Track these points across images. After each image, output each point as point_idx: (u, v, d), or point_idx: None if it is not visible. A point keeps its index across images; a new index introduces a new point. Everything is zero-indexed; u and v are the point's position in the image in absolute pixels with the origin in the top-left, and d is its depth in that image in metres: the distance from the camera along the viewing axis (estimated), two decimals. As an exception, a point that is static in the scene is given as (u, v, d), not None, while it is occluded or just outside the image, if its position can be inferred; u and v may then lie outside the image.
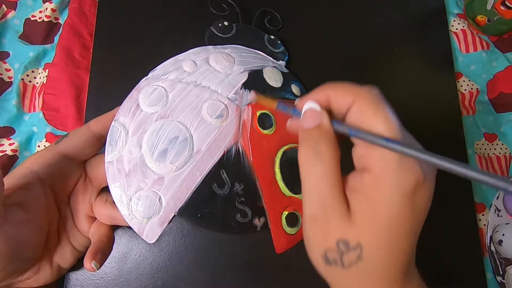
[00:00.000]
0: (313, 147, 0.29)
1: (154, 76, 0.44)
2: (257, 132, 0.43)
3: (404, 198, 0.26)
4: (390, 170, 0.27)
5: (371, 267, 0.28)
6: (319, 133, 0.30)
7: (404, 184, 0.26)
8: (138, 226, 0.39)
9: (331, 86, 0.31)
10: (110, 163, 0.40)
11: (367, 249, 0.27)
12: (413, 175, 0.26)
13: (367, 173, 0.28)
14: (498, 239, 0.51)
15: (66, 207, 0.41)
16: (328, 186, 0.28)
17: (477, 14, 0.59)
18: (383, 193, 0.27)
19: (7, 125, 0.52)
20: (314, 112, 0.30)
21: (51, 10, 0.55)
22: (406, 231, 0.27)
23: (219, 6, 0.52)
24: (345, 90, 0.30)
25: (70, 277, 0.45)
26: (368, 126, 0.28)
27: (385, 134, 0.27)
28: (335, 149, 0.29)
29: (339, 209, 0.28)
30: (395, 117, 0.28)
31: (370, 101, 0.28)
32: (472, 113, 0.58)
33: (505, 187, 0.23)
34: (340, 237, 0.28)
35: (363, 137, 0.28)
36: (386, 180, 0.27)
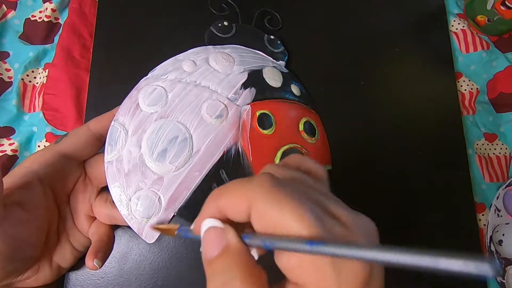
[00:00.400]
0: (224, 285, 0.22)
1: (153, 76, 0.44)
2: (256, 132, 0.43)
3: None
4: (329, 278, 0.21)
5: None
6: (227, 262, 0.23)
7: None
8: (137, 226, 0.39)
9: (218, 196, 0.25)
10: (110, 163, 0.40)
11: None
12: (358, 275, 0.22)
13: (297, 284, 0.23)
14: (498, 239, 0.51)
15: (65, 207, 0.42)
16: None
17: (477, 14, 0.59)
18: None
19: (7, 125, 0.52)
20: (215, 231, 0.24)
21: (51, 10, 0.55)
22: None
23: (219, 6, 0.52)
24: (235, 197, 0.24)
25: (70, 277, 0.45)
26: (282, 230, 0.22)
27: (302, 234, 0.21)
28: (255, 276, 0.23)
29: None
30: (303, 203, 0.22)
31: (267, 198, 0.23)
32: (472, 113, 0.58)
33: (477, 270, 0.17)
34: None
35: (282, 246, 0.22)
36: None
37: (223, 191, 0.25)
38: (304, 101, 0.49)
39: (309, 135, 0.46)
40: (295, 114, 0.47)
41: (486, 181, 0.55)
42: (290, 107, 0.47)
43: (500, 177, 0.56)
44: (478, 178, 0.55)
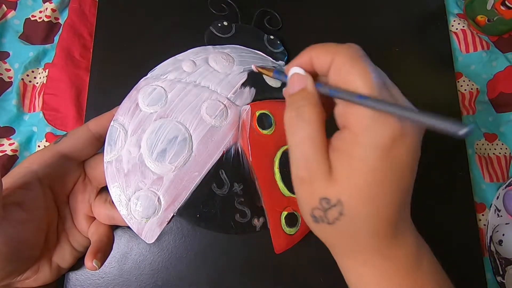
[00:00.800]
0: (296, 109, 0.30)
1: (153, 76, 0.44)
2: (256, 132, 0.43)
3: (379, 152, 0.26)
4: (365, 126, 0.27)
5: (354, 222, 0.28)
6: (302, 96, 0.30)
7: (379, 138, 0.26)
8: (137, 226, 0.39)
9: (313, 47, 0.31)
10: (109, 163, 0.40)
11: (347, 205, 0.28)
12: (387, 129, 0.26)
13: (346, 131, 0.28)
14: (498, 239, 0.51)
15: (65, 207, 0.42)
16: (311, 147, 0.29)
17: (477, 14, 0.59)
18: (359, 149, 0.27)
19: (7, 125, 0.52)
20: (299, 76, 0.31)
21: (51, 10, 0.55)
22: (386, 186, 0.27)
23: (219, 6, 0.52)
24: (324, 50, 0.30)
25: (70, 277, 0.45)
26: (346, 84, 0.28)
27: (361, 90, 0.27)
28: (318, 111, 0.29)
29: (322, 169, 0.28)
30: (374, 71, 0.28)
31: (347, 57, 0.28)
32: (472, 113, 0.58)
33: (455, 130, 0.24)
34: (322, 195, 0.28)
35: (340, 95, 0.28)
36: (361, 135, 0.27)
37: (319, 44, 0.31)
38: (304, 101, 0.49)
39: (309, 135, 0.46)
40: (294, 114, 0.47)
41: (486, 181, 0.55)
42: (290, 107, 0.47)
43: (500, 177, 0.56)
44: (478, 178, 0.55)
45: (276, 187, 0.43)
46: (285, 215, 0.43)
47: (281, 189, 0.43)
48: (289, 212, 0.43)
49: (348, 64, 0.28)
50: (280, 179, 0.43)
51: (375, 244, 0.29)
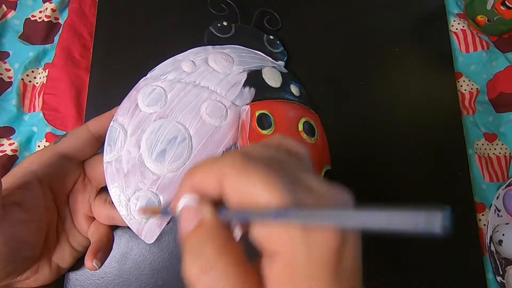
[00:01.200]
0: (198, 258, 0.22)
1: (153, 76, 0.44)
2: (256, 132, 0.43)
3: (330, 273, 0.21)
4: (299, 250, 0.21)
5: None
6: (201, 236, 0.23)
7: (323, 258, 0.21)
8: (136, 227, 0.39)
9: (192, 173, 0.25)
10: (109, 163, 0.40)
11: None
12: (329, 243, 0.21)
13: (276, 260, 0.22)
14: (498, 239, 0.51)
15: (65, 207, 0.42)
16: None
17: (477, 14, 0.59)
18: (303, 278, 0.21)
19: (7, 125, 0.52)
20: (189, 210, 0.24)
21: (51, 10, 0.56)
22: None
23: (218, 6, 0.52)
24: (205, 174, 0.24)
25: (70, 277, 0.45)
26: (253, 201, 0.22)
27: (271, 202, 0.21)
28: (230, 249, 0.22)
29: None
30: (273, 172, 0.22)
31: (238, 173, 0.22)
32: (472, 113, 0.58)
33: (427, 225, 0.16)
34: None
35: (252, 218, 0.22)
36: (299, 263, 0.21)
37: (195, 169, 0.24)
38: (304, 101, 0.49)
39: (309, 135, 0.46)
40: (294, 114, 0.47)
41: (486, 181, 0.55)
42: (290, 107, 0.47)
43: (500, 177, 0.56)
44: (478, 178, 0.55)
45: (276, 187, 0.43)
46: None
47: (281, 189, 0.43)
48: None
49: (243, 179, 0.22)
50: (280, 179, 0.43)
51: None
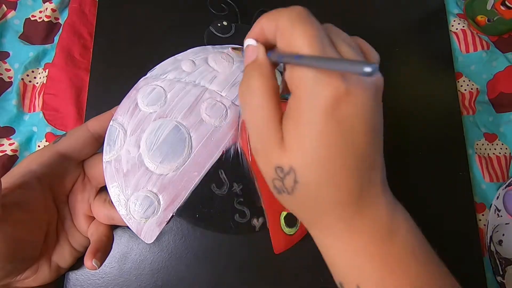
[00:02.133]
0: (246, 81, 0.30)
1: (152, 76, 0.44)
2: (256, 132, 0.43)
3: (323, 114, 0.26)
4: (307, 88, 0.26)
5: (309, 189, 0.28)
6: (252, 67, 0.30)
7: (321, 99, 0.25)
8: (136, 226, 0.39)
9: (263, 17, 0.30)
10: (108, 162, 0.40)
11: (299, 171, 0.27)
12: (329, 89, 0.25)
13: (292, 96, 0.28)
14: (498, 239, 0.51)
15: (64, 207, 0.42)
16: (262, 118, 0.29)
17: (477, 14, 0.59)
18: (303, 113, 0.26)
19: (7, 125, 0.52)
20: (251, 48, 0.31)
21: (51, 10, 0.56)
22: (335, 150, 0.26)
23: (218, 6, 0.52)
24: (269, 17, 0.29)
25: (70, 277, 0.45)
26: (289, 47, 0.27)
27: (303, 50, 0.26)
28: (267, 80, 0.29)
29: (274, 139, 0.28)
30: (318, 30, 0.27)
31: (288, 21, 0.27)
32: (472, 113, 0.58)
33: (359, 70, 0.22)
34: (276, 164, 0.28)
35: (283, 59, 0.28)
36: (304, 99, 0.26)
37: (266, 13, 0.30)
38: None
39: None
40: (294, 114, 0.47)
41: (486, 181, 0.55)
42: (289, 107, 0.47)
43: (500, 177, 0.56)
44: (478, 178, 0.55)
45: (276, 187, 0.43)
46: (285, 215, 0.43)
47: (281, 189, 0.43)
48: (289, 212, 0.43)
49: (289, 27, 0.27)
50: (279, 179, 0.43)
51: (338, 213, 0.28)
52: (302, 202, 0.29)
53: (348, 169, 0.27)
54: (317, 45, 0.26)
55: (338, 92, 0.25)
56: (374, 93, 0.27)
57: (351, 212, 0.28)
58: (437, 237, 0.50)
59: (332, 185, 0.27)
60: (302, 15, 0.27)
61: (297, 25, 0.27)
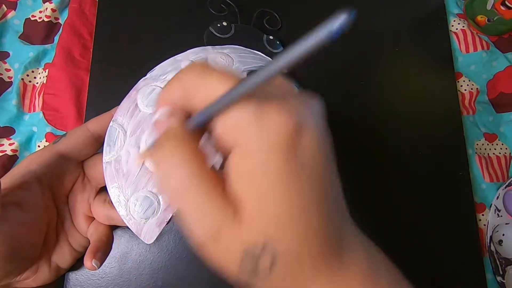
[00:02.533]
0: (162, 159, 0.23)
1: (152, 76, 0.44)
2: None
3: (282, 156, 0.21)
4: (252, 134, 0.21)
5: (293, 259, 0.22)
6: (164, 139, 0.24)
7: (275, 139, 0.21)
8: (136, 227, 0.39)
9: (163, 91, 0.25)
10: (108, 163, 0.40)
11: (276, 243, 0.21)
12: (277, 126, 0.21)
13: (234, 150, 0.22)
14: (498, 239, 0.51)
15: (64, 207, 0.42)
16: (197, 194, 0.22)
17: (477, 14, 0.58)
18: (256, 164, 0.21)
19: (7, 125, 0.52)
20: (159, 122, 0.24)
21: (51, 10, 0.56)
22: (309, 197, 0.22)
23: (218, 6, 0.52)
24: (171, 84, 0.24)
25: (70, 277, 0.45)
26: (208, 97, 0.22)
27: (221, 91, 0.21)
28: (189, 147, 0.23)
29: (225, 214, 0.22)
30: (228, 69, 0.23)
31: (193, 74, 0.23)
32: (472, 113, 0.58)
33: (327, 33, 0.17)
34: (241, 246, 0.22)
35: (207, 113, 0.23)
36: (252, 145, 0.21)
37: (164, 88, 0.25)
38: (303, 101, 0.49)
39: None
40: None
41: (486, 181, 0.55)
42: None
43: (500, 177, 0.56)
44: (478, 178, 0.55)
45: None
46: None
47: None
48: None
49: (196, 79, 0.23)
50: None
51: (324, 274, 0.23)
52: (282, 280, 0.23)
53: (325, 217, 0.23)
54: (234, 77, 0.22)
55: (289, 127, 0.21)
56: (321, 118, 0.24)
57: (336, 267, 0.23)
58: (437, 237, 0.51)
59: (314, 241, 0.22)
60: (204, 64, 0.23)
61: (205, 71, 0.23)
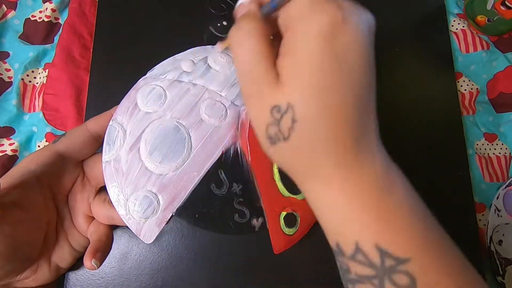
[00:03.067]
0: (237, 29, 0.30)
1: (152, 76, 0.44)
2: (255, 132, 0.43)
3: (321, 42, 0.25)
4: (302, 16, 0.26)
5: (307, 128, 0.27)
6: (243, 18, 0.30)
7: (318, 25, 0.25)
8: (135, 226, 0.39)
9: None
10: (108, 162, 0.40)
11: (298, 107, 0.26)
12: (326, 15, 0.25)
13: (287, 32, 0.28)
14: (498, 239, 0.51)
15: (64, 207, 0.42)
16: (254, 58, 0.28)
17: (477, 14, 0.58)
18: (300, 43, 0.26)
19: (7, 125, 0.52)
20: (243, 5, 0.32)
21: (51, 10, 0.56)
22: (335, 81, 0.26)
23: (218, 6, 0.52)
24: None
25: (70, 277, 0.45)
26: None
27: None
28: (259, 25, 0.29)
29: (268, 77, 0.27)
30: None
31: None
32: (472, 113, 0.58)
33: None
34: (272, 103, 0.27)
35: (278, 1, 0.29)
36: (300, 28, 0.26)
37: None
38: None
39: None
40: (294, 114, 0.47)
41: (486, 181, 0.55)
42: (289, 107, 0.47)
43: (500, 177, 0.56)
44: (478, 178, 0.55)
45: (275, 187, 0.43)
46: (284, 215, 0.43)
47: (280, 189, 0.43)
48: (288, 212, 0.43)
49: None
50: (279, 179, 0.43)
51: (336, 158, 0.27)
52: (299, 148, 0.28)
53: (346, 104, 0.26)
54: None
55: (334, 19, 0.25)
56: (368, 27, 0.28)
57: (350, 159, 0.27)
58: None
59: (331, 121, 0.26)
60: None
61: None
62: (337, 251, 0.29)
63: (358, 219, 0.27)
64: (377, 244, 0.26)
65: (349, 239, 0.27)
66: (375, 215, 0.27)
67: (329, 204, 0.28)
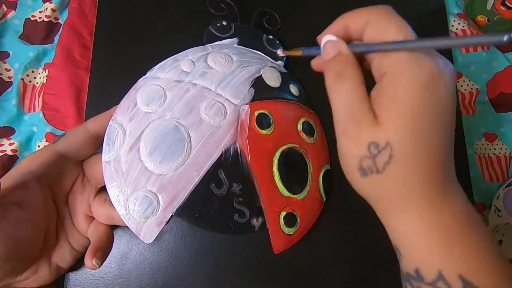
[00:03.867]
0: (336, 71, 0.32)
1: (152, 76, 0.44)
2: (255, 132, 0.43)
3: (421, 89, 0.28)
4: (404, 66, 0.29)
5: (405, 164, 0.29)
6: (338, 60, 0.32)
7: (418, 76, 0.28)
8: (135, 226, 0.39)
9: (346, 14, 0.34)
10: (108, 162, 0.40)
11: (396, 146, 0.29)
12: (426, 67, 0.28)
13: (384, 78, 0.30)
14: (498, 239, 0.51)
15: (64, 207, 0.42)
16: (355, 97, 0.30)
17: (477, 14, 0.58)
18: (400, 89, 0.29)
19: (7, 125, 0.52)
20: (332, 43, 0.34)
21: (51, 10, 0.56)
22: (432, 122, 0.29)
23: (218, 6, 0.52)
24: (358, 13, 0.32)
25: (70, 277, 0.45)
26: (383, 36, 0.30)
27: (398, 37, 0.29)
28: (357, 69, 0.31)
29: (367, 116, 0.30)
30: (407, 24, 0.30)
31: (382, 14, 0.31)
32: (472, 113, 0.58)
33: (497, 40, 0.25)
34: (370, 140, 0.30)
35: (376, 48, 0.31)
36: (401, 76, 0.29)
37: (350, 11, 0.33)
38: (303, 101, 0.49)
39: (308, 135, 0.46)
40: (293, 114, 0.47)
41: (486, 181, 0.55)
42: (289, 107, 0.47)
43: (500, 177, 0.56)
44: (478, 178, 0.55)
45: (275, 187, 0.43)
46: (284, 215, 0.43)
47: (280, 189, 0.43)
48: (288, 212, 0.43)
49: (383, 19, 0.31)
50: (279, 179, 0.43)
51: (426, 191, 0.30)
52: (392, 180, 0.30)
53: (441, 144, 0.29)
54: (411, 34, 0.30)
55: (433, 71, 0.28)
56: (455, 79, 0.30)
57: (441, 191, 0.30)
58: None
59: (428, 159, 0.29)
60: (393, 12, 0.31)
61: (391, 18, 0.30)
62: (413, 276, 0.31)
63: (443, 250, 0.29)
64: (461, 275, 0.29)
65: (433, 267, 0.30)
66: (461, 247, 0.29)
67: (417, 233, 0.30)
